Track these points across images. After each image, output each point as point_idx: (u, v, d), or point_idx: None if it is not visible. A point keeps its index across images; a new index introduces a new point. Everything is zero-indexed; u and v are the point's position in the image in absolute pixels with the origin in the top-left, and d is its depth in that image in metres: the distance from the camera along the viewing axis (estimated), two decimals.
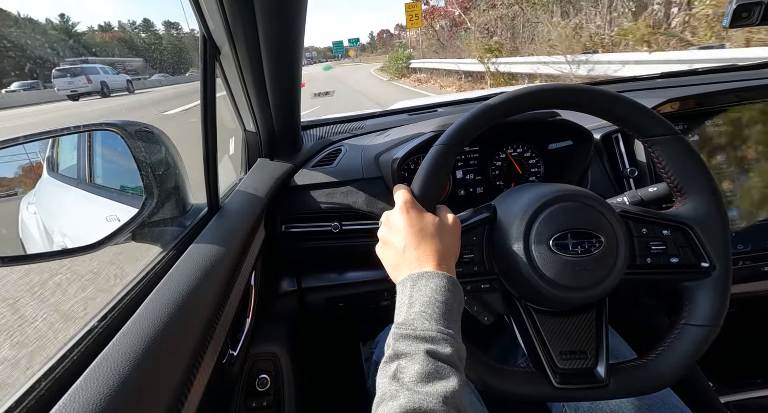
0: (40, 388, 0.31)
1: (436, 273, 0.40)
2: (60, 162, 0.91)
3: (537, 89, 0.50)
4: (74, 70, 11.02)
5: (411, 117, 1.07)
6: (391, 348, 0.37)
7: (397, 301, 0.41)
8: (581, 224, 0.46)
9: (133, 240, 0.64)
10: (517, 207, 0.49)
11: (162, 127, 0.66)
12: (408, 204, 0.46)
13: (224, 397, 0.61)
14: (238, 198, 0.72)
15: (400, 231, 0.44)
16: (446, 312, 0.39)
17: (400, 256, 0.44)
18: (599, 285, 0.45)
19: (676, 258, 0.49)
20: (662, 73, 1.18)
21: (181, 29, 56.08)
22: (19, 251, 0.78)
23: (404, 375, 0.35)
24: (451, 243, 0.45)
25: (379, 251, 0.48)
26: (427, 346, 0.36)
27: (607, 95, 0.49)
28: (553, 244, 0.46)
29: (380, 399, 0.34)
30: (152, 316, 0.39)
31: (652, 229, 0.49)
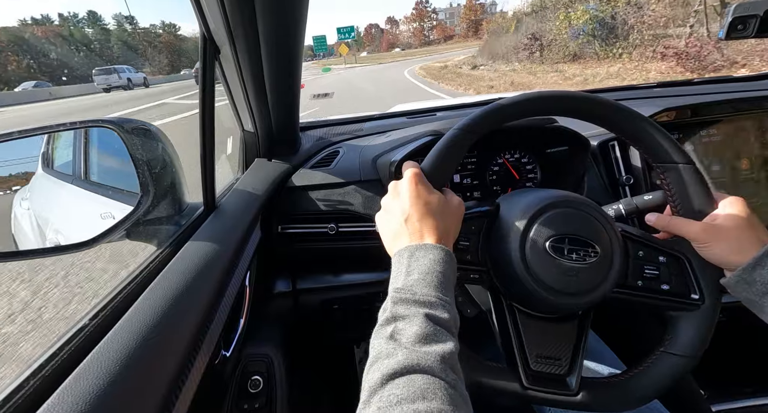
0: (29, 386, 0.30)
1: (434, 246, 0.41)
2: (55, 158, 0.90)
3: (562, 95, 0.50)
4: (109, 69, 17.67)
5: (410, 120, 1.07)
6: (388, 312, 0.37)
7: (393, 270, 0.41)
8: (582, 232, 0.46)
9: (127, 238, 0.63)
10: (521, 204, 0.49)
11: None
12: (418, 177, 0.46)
13: (216, 398, 0.61)
14: (234, 197, 0.72)
15: (405, 201, 0.44)
16: (444, 282, 0.39)
17: (401, 226, 0.43)
18: (586, 295, 0.46)
19: (667, 286, 0.49)
20: (659, 82, 1.19)
21: (182, 30, 56.66)
22: (11, 247, 0.78)
23: (402, 336, 0.35)
24: (452, 225, 0.45)
25: (379, 218, 0.48)
26: (426, 310, 0.36)
27: (631, 115, 0.49)
28: (550, 246, 0.46)
29: (375, 359, 0.34)
30: (145, 315, 0.38)
31: (649, 253, 0.50)
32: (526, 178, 0.90)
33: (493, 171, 0.90)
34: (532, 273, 0.46)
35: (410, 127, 0.97)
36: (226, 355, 0.56)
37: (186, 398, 0.36)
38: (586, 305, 0.47)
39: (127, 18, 75.47)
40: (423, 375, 0.32)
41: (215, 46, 0.63)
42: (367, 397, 0.32)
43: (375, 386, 0.32)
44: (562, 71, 10.35)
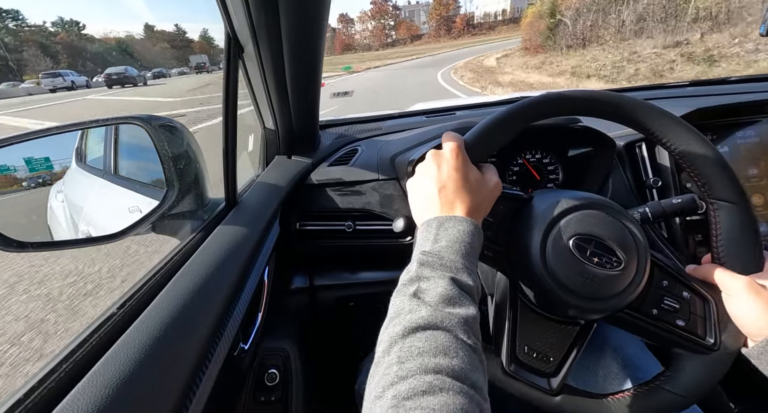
0: (61, 370, 0.32)
1: (464, 218, 0.40)
2: (88, 153, 0.95)
3: (635, 103, 0.47)
4: (55, 73, 23.22)
5: (429, 119, 1.06)
6: (412, 272, 0.37)
7: (420, 238, 0.41)
8: (613, 240, 0.44)
9: (153, 231, 0.65)
10: (558, 198, 0.48)
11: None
12: (460, 149, 0.45)
13: (234, 389, 0.62)
14: (255, 194, 0.73)
15: (443, 171, 0.43)
16: (471, 252, 0.39)
17: (433, 195, 0.43)
18: (593, 303, 0.44)
19: (683, 322, 0.46)
20: (692, 80, 1.14)
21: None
22: (47, 238, 0.82)
23: (426, 295, 0.34)
24: (485, 202, 0.44)
25: (412, 184, 0.47)
26: (452, 274, 0.36)
27: (697, 138, 0.46)
28: (574, 242, 0.44)
29: (396, 314, 0.34)
30: (169, 305, 0.40)
31: (674, 285, 0.47)
32: (548, 178, 0.88)
33: (513, 171, 0.88)
34: (547, 264, 0.44)
35: (429, 126, 0.97)
36: (245, 348, 0.57)
37: (206, 387, 0.37)
38: (590, 314, 0.46)
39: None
40: (445, 333, 0.31)
41: (239, 45, 0.65)
42: (386, 347, 0.32)
43: (395, 337, 0.32)
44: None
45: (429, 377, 0.28)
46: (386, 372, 0.30)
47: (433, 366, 0.29)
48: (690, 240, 0.77)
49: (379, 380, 0.30)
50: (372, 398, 0.29)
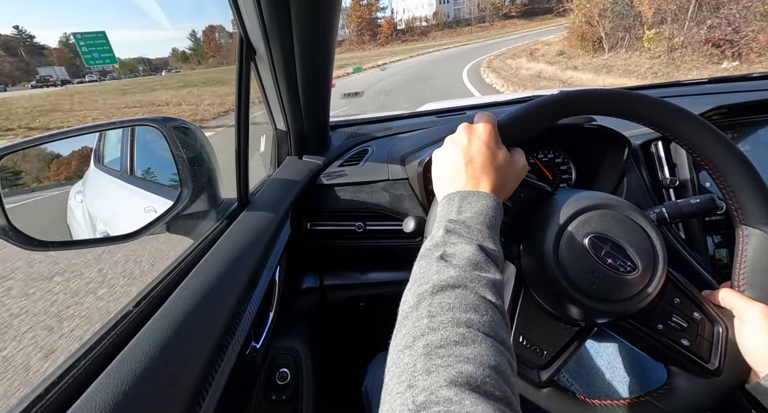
0: (79, 366, 0.33)
1: (487, 194, 0.40)
2: (105, 154, 0.97)
3: (676, 109, 0.45)
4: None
5: (440, 119, 1.06)
6: (438, 237, 0.36)
7: (442, 211, 0.40)
8: (631, 244, 0.43)
9: (168, 231, 0.67)
10: (579, 196, 0.47)
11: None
12: (493, 127, 0.44)
13: (246, 387, 0.63)
14: (266, 194, 0.74)
15: (474, 145, 0.43)
16: (495, 225, 0.38)
17: (460, 169, 0.42)
18: (596, 303, 0.43)
19: (687, 342, 0.45)
20: (710, 77, 1.11)
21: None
22: (66, 237, 0.84)
23: (453, 259, 0.34)
24: (509, 183, 0.44)
25: (438, 155, 0.46)
26: (479, 242, 0.36)
27: (727, 148, 0.44)
28: (591, 239, 0.43)
29: (421, 275, 0.34)
30: (183, 304, 0.41)
31: (685, 304, 0.46)
32: (560, 178, 0.87)
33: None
34: (558, 257, 0.44)
35: (440, 126, 0.96)
36: (256, 347, 0.57)
37: (219, 385, 0.38)
38: (592, 315, 0.44)
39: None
40: (474, 293, 0.31)
41: (251, 47, 0.65)
42: (414, 303, 0.31)
43: (424, 294, 0.31)
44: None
45: (461, 329, 0.28)
46: (416, 325, 0.29)
47: (465, 320, 0.29)
48: (709, 241, 0.75)
49: (408, 332, 0.29)
50: (399, 349, 0.29)
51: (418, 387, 0.25)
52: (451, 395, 0.24)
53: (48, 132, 0.54)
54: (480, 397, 0.24)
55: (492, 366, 0.26)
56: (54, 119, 11.12)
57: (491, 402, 0.24)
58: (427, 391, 0.25)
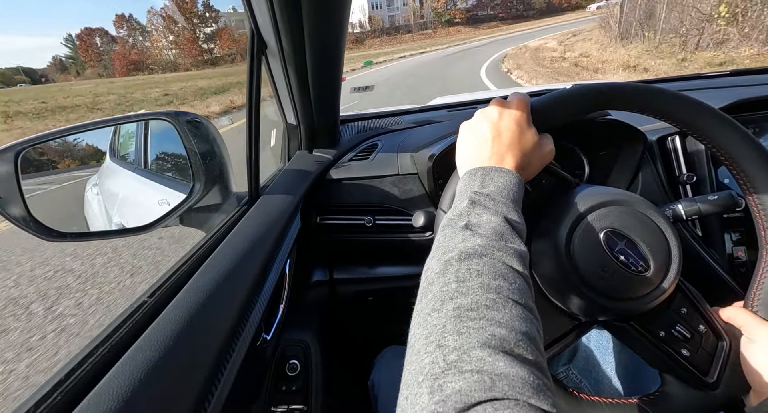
0: (96, 354, 0.34)
1: (510, 171, 0.39)
2: (120, 148, 0.99)
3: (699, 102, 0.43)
4: None
5: (450, 113, 1.05)
6: (462, 208, 0.36)
7: (463, 185, 0.39)
8: (648, 245, 0.42)
9: (181, 223, 0.68)
10: (601, 189, 0.46)
11: None
12: (526, 106, 0.43)
13: (257, 377, 0.64)
14: (277, 188, 0.75)
15: (504, 120, 0.42)
16: (518, 200, 0.38)
17: (486, 140, 0.41)
18: (602, 298, 0.42)
19: (688, 352, 0.44)
20: (732, 70, 1.07)
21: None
22: (83, 228, 0.86)
23: (478, 228, 0.33)
24: (533, 164, 0.43)
25: (466, 125, 0.45)
26: (504, 214, 0.35)
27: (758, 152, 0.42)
28: (606, 233, 0.42)
29: (445, 243, 0.33)
30: (196, 295, 0.41)
31: (692, 315, 0.45)
32: (573, 173, 0.85)
33: None
34: (570, 247, 0.43)
35: (450, 120, 0.95)
36: (267, 338, 0.58)
37: (230, 374, 0.39)
38: (595, 311, 0.43)
39: None
40: (502, 263, 0.31)
41: (263, 42, 0.65)
42: (440, 270, 0.31)
43: (451, 261, 0.31)
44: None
45: (491, 294, 0.28)
46: (443, 289, 0.29)
47: (495, 286, 0.28)
48: (727, 239, 0.73)
49: (435, 296, 0.29)
50: (426, 312, 0.28)
51: (449, 347, 0.25)
52: (485, 355, 0.24)
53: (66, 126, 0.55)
54: (514, 360, 0.24)
55: (523, 332, 0.26)
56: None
57: (525, 365, 0.24)
58: (459, 351, 0.24)
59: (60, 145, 0.66)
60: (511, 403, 0.21)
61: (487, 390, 0.22)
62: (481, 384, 0.22)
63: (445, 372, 0.23)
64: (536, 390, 0.22)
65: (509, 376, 0.23)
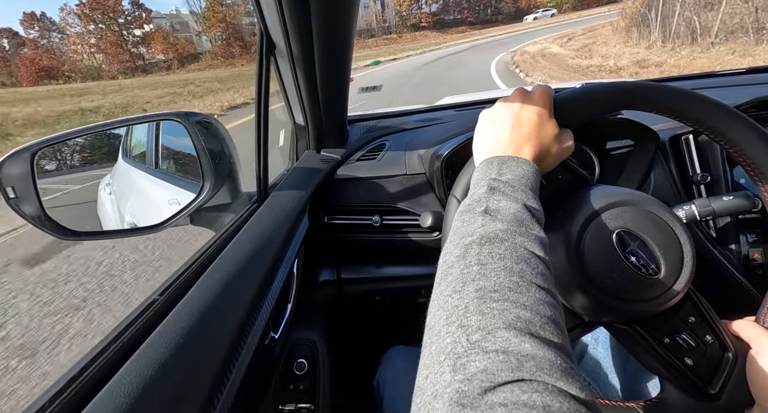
0: (109, 350, 0.35)
1: (527, 160, 0.38)
2: (132, 148, 1.01)
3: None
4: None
5: (458, 113, 1.04)
6: (481, 194, 0.35)
7: (479, 175, 0.39)
8: (660, 247, 0.41)
9: (191, 223, 0.69)
10: (617, 189, 0.45)
11: None
12: (549, 99, 0.42)
13: (266, 375, 0.65)
14: (285, 188, 0.75)
15: (525, 110, 0.41)
16: (536, 189, 0.37)
17: (505, 129, 0.40)
18: (607, 298, 0.41)
19: (691, 362, 0.43)
20: (749, 68, 1.04)
21: None
22: (97, 227, 0.88)
23: (498, 214, 0.33)
24: (550, 158, 0.42)
25: (486, 113, 0.45)
26: (523, 201, 0.34)
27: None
28: (618, 234, 0.42)
29: (464, 228, 0.32)
30: (206, 293, 0.42)
31: (700, 325, 0.44)
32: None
33: None
34: (580, 243, 0.42)
35: (458, 120, 0.95)
36: (275, 337, 0.59)
37: (239, 373, 0.39)
38: (599, 311, 0.43)
39: None
40: (524, 248, 0.30)
41: (271, 42, 0.66)
42: (461, 253, 0.30)
43: (471, 244, 0.30)
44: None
45: (515, 278, 0.27)
46: (464, 272, 0.28)
47: (518, 270, 0.28)
48: (743, 240, 0.72)
49: (455, 278, 0.28)
50: (446, 294, 0.28)
51: (472, 327, 0.24)
52: (510, 336, 0.23)
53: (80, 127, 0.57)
54: (541, 342, 0.23)
55: (548, 316, 0.25)
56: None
57: (552, 348, 0.23)
58: (483, 331, 0.23)
59: (74, 146, 0.67)
60: (540, 386, 0.21)
61: (514, 370, 0.21)
62: (507, 365, 0.21)
63: (468, 351, 0.23)
64: (564, 373, 0.22)
65: (536, 358, 0.22)
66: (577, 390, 0.21)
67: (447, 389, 0.21)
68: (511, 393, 0.20)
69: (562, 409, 0.19)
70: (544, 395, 0.20)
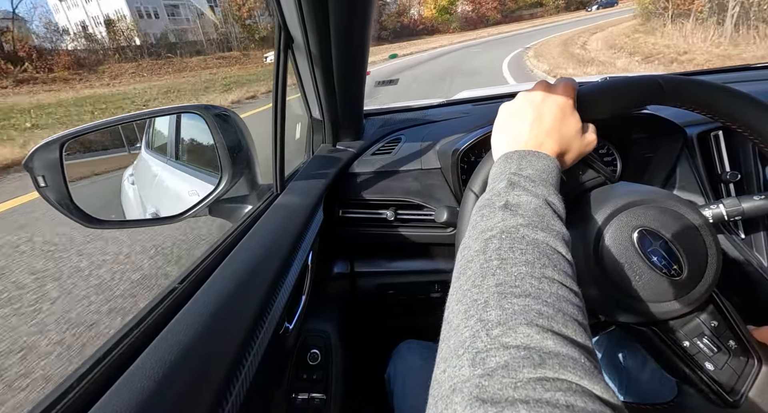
0: (131, 335, 0.36)
1: (548, 155, 0.37)
2: (154, 140, 1.03)
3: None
4: None
5: (475, 107, 1.03)
6: (500, 188, 0.35)
7: (497, 170, 0.38)
8: (685, 249, 0.40)
9: (209, 214, 0.70)
10: (640, 187, 0.44)
11: None
12: (572, 93, 0.41)
13: (280, 364, 0.66)
14: (301, 181, 0.76)
15: (548, 103, 0.39)
16: (557, 185, 0.36)
17: (526, 122, 0.39)
18: (625, 297, 0.39)
19: (712, 367, 0.41)
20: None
21: None
22: (121, 216, 0.91)
23: (519, 209, 0.32)
24: (572, 153, 0.40)
25: (506, 106, 0.43)
26: (545, 196, 0.33)
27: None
28: (640, 231, 0.40)
29: (483, 223, 0.32)
30: (223, 283, 0.43)
31: (723, 330, 0.42)
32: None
33: None
34: (599, 240, 0.41)
35: (475, 115, 0.93)
36: (289, 327, 0.60)
37: (255, 360, 0.40)
38: (615, 310, 0.41)
39: None
40: (546, 244, 0.29)
41: (290, 36, 0.66)
42: (480, 248, 0.30)
43: (491, 239, 0.29)
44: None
45: (536, 274, 0.26)
46: (484, 266, 0.28)
47: (540, 266, 0.27)
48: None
49: (475, 272, 0.28)
50: (465, 288, 0.27)
51: (491, 322, 0.23)
52: (532, 333, 0.22)
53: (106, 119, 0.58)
54: (564, 340, 0.22)
55: (571, 314, 0.24)
56: None
57: (575, 346, 0.22)
58: (504, 326, 0.23)
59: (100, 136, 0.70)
60: (563, 384, 0.20)
61: (537, 367, 0.20)
62: (530, 361, 0.21)
63: (488, 346, 0.22)
64: (588, 372, 0.21)
65: (559, 355, 0.21)
66: (601, 390, 0.20)
67: (466, 383, 0.21)
68: (534, 390, 0.19)
69: (586, 409, 0.19)
70: (567, 394, 0.19)
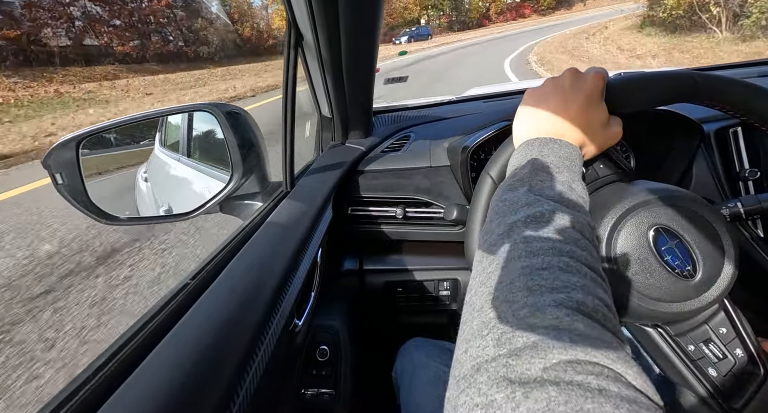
0: (145, 330, 0.37)
1: (570, 143, 0.36)
2: (167, 138, 1.05)
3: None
4: None
5: (485, 104, 1.02)
6: (523, 174, 0.34)
7: (518, 157, 0.37)
8: (701, 251, 0.39)
9: (220, 211, 0.71)
10: (659, 185, 0.43)
11: None
12: (601, 83, 0.39)
13: (289, 360, 0.67)
14: (311, 178, 0.77)
15: (575, 91, 0.38)
16: (580, 172, 0.35)
17: (550, 108, 0.38)
18: (635, 296, 0.38)
19: (715, 373, 0.40)
20: None
21: None
22: (134, 213, 0.93)
23: (542, 194, 0.31)
24: (594, 144, 0.39)
25: (532, 92, 0.42)
26: (569, 183, 0.33)
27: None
28: (654, 230, 0.39)
29: (508, 206, 0.31)
30: (233, 279, 0.44)
31: (731, 337, 0.41)
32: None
33: None
34: (613, 236, 0.40)
35: (485, 111, 0.93)
36: (299, 323, 0.60)
37: (264, 356, 0.41)
38: (620, 308, 0.40)
39: None
40: (572, 229, 0.28)
41: (300, 34, 0.66)
42: (504, 231, 0.29)
43: (516, 223, 0.29)
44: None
45: (564, 258, 0.25)
46: (510, 250, 0.27)
47: (567, 250, 0.26)
48: None
49: (499, 256, 0.27)
50: (489, 271, 0.27)
51: (518, 303, 0.23)
52: (561, 315, 0.21)
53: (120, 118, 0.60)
54: (594, 323, 0.21)
55: (600, 298, 0.23)
56: None
57: (606, 330, 0.21)
58: (532, 307, 0.22)
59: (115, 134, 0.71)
60: (596, 368, 0.19)
61: (567, 349, 0.19)
62: (560, 342, 0.20)
63: (514, 326, 0.21)
64: (620, 357, 0.20)
65: (590, 338, 0.20)
66: (633, 375, 0.19)
67: (492, 363, 0.20)
68: (564, 372, 0.19)
69: (619, 395, 0.18)
70: (600, 378, 0.18)
